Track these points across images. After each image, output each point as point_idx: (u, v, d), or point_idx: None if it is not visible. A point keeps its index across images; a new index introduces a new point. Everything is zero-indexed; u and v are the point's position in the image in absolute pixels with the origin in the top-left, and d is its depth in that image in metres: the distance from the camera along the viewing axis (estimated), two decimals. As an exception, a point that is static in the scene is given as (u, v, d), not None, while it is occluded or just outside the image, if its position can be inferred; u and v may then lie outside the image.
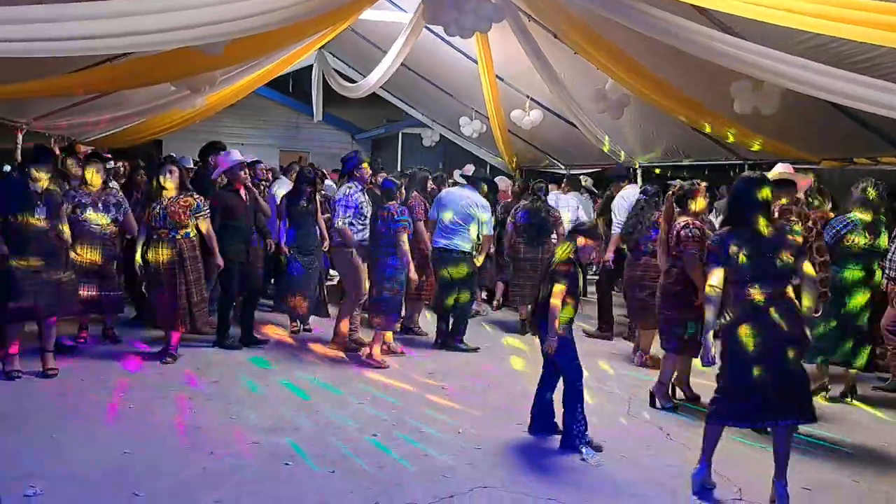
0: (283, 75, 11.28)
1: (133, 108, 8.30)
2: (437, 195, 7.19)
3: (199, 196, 5.89)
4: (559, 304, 4.18)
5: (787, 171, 5.20)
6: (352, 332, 6.47)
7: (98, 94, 7.37)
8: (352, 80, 11.93)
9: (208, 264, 6.03)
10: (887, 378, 5.86)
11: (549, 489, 3.72)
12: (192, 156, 8.67)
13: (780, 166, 5.27)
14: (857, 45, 4.33)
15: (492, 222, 7.07)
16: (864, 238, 5.25)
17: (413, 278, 6.04)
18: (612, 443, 4.34)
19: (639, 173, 9.75)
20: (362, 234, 6.26)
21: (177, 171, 5.81)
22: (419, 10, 7.09)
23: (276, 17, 4.78)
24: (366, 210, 6.29)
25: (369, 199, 6.45)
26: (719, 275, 3.58)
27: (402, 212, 5.94)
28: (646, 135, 8.93)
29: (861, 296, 5.29)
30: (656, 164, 9.78)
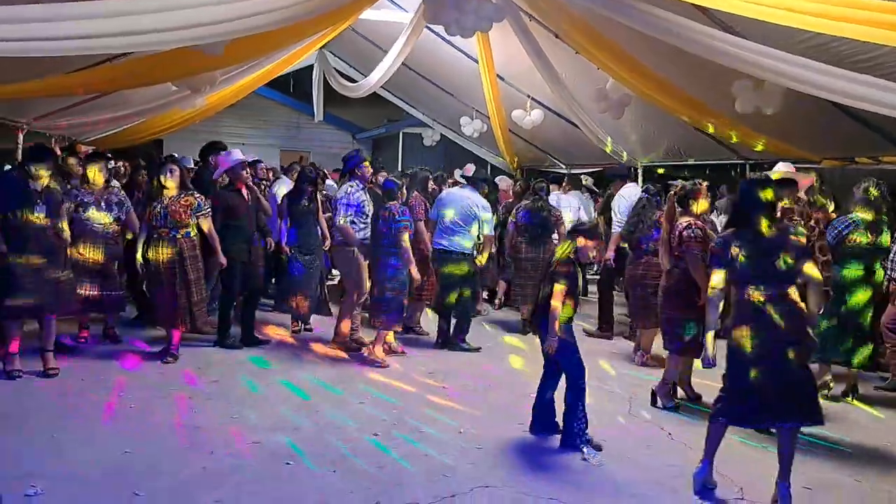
0: (283, 75, 11.26)
1: (133, 108, 8.30)
2: (437, 195, 7.19)
3: (200, 195, 5.90)
4: (559, 304, 4.17)
5: (789, 170, 5.20)
6: (353, 332, 6.46)
7: (98, 94, 7.37)
8: (352, 80, 11.92)
9: (209, 263, 6.03)
10: (888, 377, 5.86)
11: (549, 489, 3.72)
12: (193, 156, 8.65)
13: (781, 165, 5.27)
14: (858, 44, 4.33)
15: (493, 222, 7.06)
16: (867, 237, 5.25)
17: (416, 278, 6.04)
18: (613, 442, 4.33)
19: (640, 173, 9.75)
20: (364, 233, 6.26)
21: (178, 171, 5.83)
22: (420, 9, 7.09)
23: (276, 17, 4.77)
24: (367, 209, 6.30)
25: (370, 198, 6.46)
26: (720, 276, 3.59)
27: (403, 212, 5.94)
28: (647, 134, 8.93)
29: (862, 294, 5.29)
30: (658, 163, 9.77)
